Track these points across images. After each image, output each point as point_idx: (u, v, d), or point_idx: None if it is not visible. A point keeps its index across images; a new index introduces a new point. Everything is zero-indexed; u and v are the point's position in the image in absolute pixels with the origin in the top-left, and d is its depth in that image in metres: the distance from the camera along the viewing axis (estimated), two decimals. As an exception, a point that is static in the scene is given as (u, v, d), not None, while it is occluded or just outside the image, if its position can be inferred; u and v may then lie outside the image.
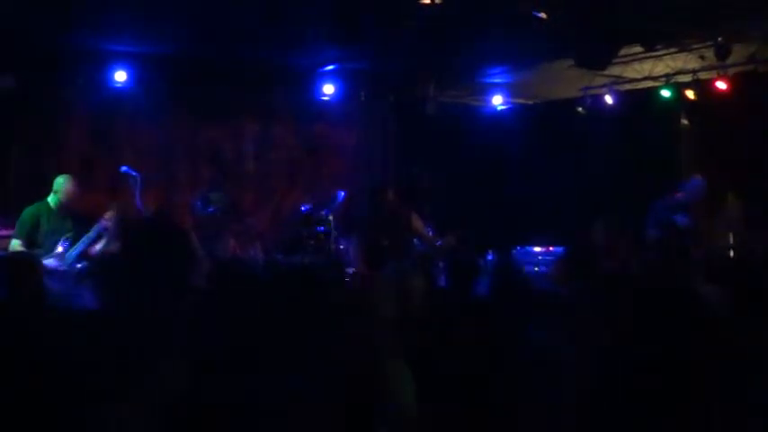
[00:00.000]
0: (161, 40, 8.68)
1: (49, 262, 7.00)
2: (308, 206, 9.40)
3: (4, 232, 7.61)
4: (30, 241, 7.11)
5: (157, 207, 9.34)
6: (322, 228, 9.18)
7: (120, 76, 9.28)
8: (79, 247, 7.20)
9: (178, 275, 3.22)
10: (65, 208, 7.33)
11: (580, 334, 3.68)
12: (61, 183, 7.39)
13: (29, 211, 7.28)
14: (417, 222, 8.70)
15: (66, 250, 7.18)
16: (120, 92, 9.53)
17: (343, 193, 9.28)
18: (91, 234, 7.24)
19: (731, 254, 8.66)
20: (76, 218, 7.39)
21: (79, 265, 7.13)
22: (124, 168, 7.98)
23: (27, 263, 4.97)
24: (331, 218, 9.18)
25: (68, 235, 7.25)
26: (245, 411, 2.92)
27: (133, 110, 9.86)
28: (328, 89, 10.56)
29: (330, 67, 10.20)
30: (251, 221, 10.10)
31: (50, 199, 7.34)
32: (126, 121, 9.95)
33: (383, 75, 10.69)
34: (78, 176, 7.66)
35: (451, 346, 3.83)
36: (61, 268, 7.07)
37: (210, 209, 8.88)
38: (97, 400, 2.84)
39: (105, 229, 7.27)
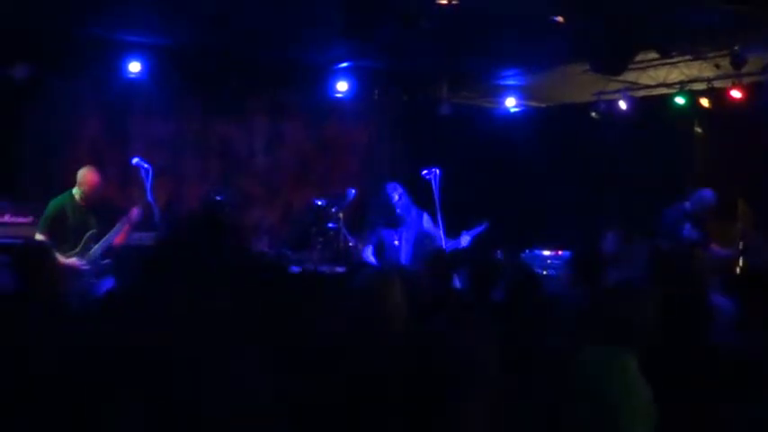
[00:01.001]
0: (175, 32, 8.69)
1: (73, 260, 7.01)
2: (323, 200, 9.34)
3: (15, 219, 7.63)
4: (53, 236, 7.00)
5: (167, 199, 9.35)
6: (331, 224, 9.15)
7: (134, 66, 9.20)
8: (104, 243, 7.20)
9: (228, 273, 3.13)
10: (89, 200, 7.27)
11: (585, 339, 3.67)
12: (84, 174, 7.33)
13: (54, 203, 7.22)
14: (429, 223, 8.70)
15: (90, 247, 7.17)
16: (133, 83, 9.49)
17: (353, 191, 9.24)
18: (115, 229, 7.25)
19: (740, 261, 8.64)
20: (99, 213, 7.33)
21: (104, 262, 7.13)
22: (136, 159, 7.96)
23: (39, 250, 4.89)
24: (341, 215, 9.15)
25: (92, 231, 7.22)
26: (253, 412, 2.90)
27: (146, 101, 9.87)
28: (342, 86, 10.45)
29: (344, 65, 10.18)
30: (260, 216, 10.10)
31: (75, 191, 7.28)
32: (138, 113, 9.96)
33: (397, 74, 10.67)
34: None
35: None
36: (86, 266, 7.08)
37: (220, 203, 8.90)
38: (119, 396, 2.80)
39: (130, 222, 7.28)
